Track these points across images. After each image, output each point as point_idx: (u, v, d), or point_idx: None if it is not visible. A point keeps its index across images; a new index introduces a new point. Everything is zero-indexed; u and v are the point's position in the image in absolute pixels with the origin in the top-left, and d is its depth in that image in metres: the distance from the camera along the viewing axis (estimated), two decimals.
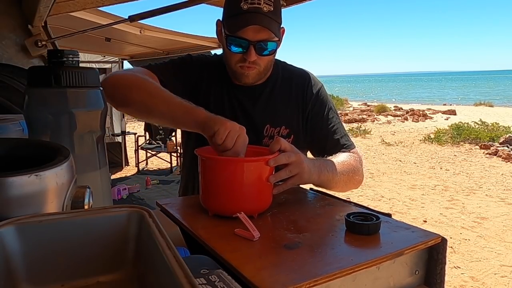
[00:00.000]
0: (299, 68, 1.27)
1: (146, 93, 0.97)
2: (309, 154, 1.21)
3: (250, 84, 1.13)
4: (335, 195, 0.96)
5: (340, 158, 1.08)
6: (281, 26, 1.09)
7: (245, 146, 0.85)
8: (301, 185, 0.97)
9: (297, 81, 1.22)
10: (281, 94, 1.20)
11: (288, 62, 1.28)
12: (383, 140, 9.76)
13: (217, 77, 1.19)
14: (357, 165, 1.11)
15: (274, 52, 1.08)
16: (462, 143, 9.25)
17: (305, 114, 1.20)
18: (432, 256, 0.69)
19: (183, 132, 1.29)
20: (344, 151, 1.14)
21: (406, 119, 14.34)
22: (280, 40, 1.10)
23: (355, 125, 12.00)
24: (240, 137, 0.83)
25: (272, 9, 1.01)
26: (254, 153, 0.91)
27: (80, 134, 0.60)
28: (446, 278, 0.69)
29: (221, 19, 1.10)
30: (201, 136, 1.03)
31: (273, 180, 0.83)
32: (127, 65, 6.33)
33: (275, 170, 0.85)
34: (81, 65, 0.64)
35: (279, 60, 1.25)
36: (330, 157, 1.09)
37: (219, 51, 1.31)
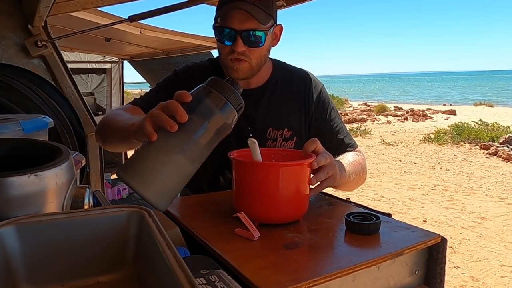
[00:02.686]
0: (299, 69, 1.26)
1: (111, 129, 1.00)
2: None
3: (241, 79, 1.10)
4: (335, 195, 0.96)
5: (350, 159, 1.10)
6: (277, 22, 1.09)
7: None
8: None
9: (298, 82, 1.21)
10: (283, 96, 1.19)
11: (288, 62, 1.28)
12: (383, 140, 9.76)
13: None
14: (364, 164, 1.15)
15: (263, 44, 1.05)
16: (462, 143, 9.24)
17: (308, 116, 1.20)
18: (432, 256, 0.69)
19: None
20: (349, 151, 1.17)
21: (406, 119, 14.33)
22: (273, 35, 1.10)
23: (355, 125, 11.99)
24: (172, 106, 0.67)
25: None
26: (282, 156, 0.88)
27: None
28: (446, 278, 0.69)
29: None
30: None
31: (315, 181, 0.82)
32: (127, 65, 6.34)
33: None
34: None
35: (279, 61, 1.24)
36: (340, 157, 1.10)
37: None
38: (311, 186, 0.88)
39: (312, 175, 0.82)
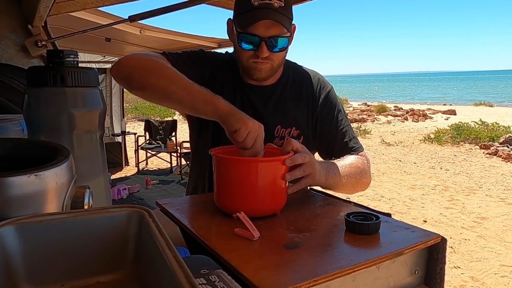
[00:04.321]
0: (310, 70, 1.27)
1: (165, 79, 0.95)
2: (316, 156, 1.22)
3: (263, 79, 1.12)
4: (335, 195, 0.96)
5: (347, 161, 1.10)
6: (292, 22, 1.09)
7: (263, 145, 0.86)
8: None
9: (307, 83, 1.22)
10: (292, 95, 1.20)
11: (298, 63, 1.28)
12: (383, 140, 9.77)
13: (230, 77, 1.19)
14: (364, 168, 1.13)
15: (286, 48, 1.08)
16: (462, 143, 9.25)
17: (314, 116, 1.20)
18: (432, 256, 0.69)
19: (191, 133, 1.28)
20: (352, 154, 1.16)
21: (406, 119, 14.34)
22: (291, 36, 1.10)
23: (355, 125, 12.00)
24: (259, 137, 0.84)
25: (283, 4, 1.01)
26: (266, 153, 0.90)
27: (79, 134, 0.60)
28: (446, 278, 0.69)
29: (232, 18, 1.11)
30: (211, 137, 1.09)
31: (289, 178, 0.83)
32: None
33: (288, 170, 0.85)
34: (81, 65, 0.64)
35: (290, 61, 1.25)
36: (337, 160, 1.10)
37: (219, 51, 1.31)
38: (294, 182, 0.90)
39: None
